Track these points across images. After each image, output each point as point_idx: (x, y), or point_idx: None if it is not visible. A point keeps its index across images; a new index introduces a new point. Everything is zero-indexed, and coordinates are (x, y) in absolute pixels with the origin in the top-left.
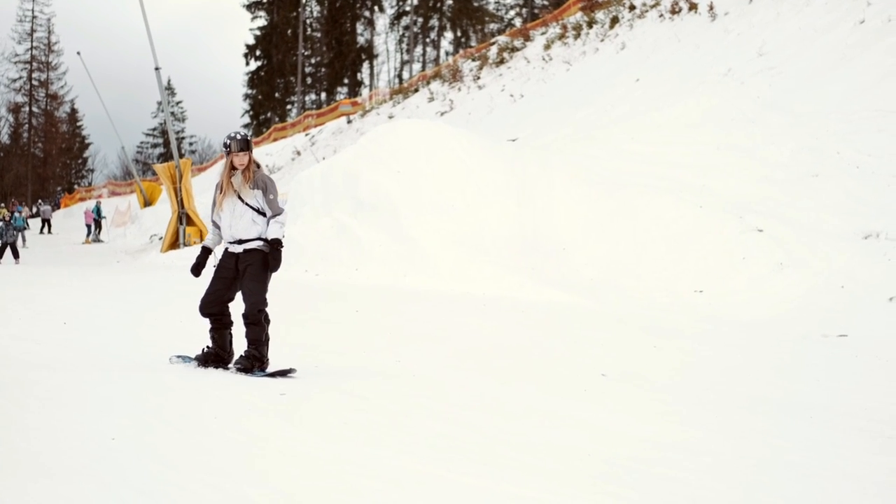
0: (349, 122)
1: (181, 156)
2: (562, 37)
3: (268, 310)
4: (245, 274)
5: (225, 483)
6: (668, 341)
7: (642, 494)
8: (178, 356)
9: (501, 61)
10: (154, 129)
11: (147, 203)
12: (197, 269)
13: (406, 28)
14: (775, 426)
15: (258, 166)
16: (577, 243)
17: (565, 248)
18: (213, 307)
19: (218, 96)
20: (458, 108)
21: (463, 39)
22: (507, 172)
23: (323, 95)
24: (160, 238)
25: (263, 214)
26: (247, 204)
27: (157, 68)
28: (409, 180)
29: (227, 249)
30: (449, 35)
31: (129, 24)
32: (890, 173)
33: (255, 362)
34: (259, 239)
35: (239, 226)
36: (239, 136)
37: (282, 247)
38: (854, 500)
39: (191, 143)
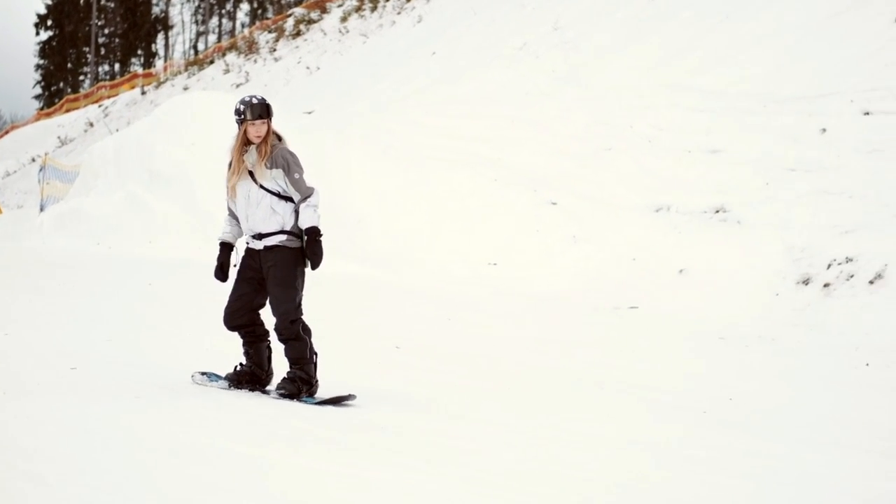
0: (143, 93)
1: None
2: (358, 9)
3: (304, 318)
4: (269, 278)
5: None
6: (463, 313)
7: (435, 467)
8: (203, 373)
9: (298, 33)
10: None
11: None
12: (221, 272)
13: None
14: (564, 398)
15: (279, 139)
16: (373, 216)
17: (361, 221)
18: (241, 317)
19: (7, 67)
20: (253, 80)
21: (259, 11)
22: (303, 144)
23: (117, 66)
24: None
25: (287, 199)
26: (263, 188)
27: None
28: (204, 153)
29: (248, 246)
30: (245, 6)
31: None
32: (681, 147)
33: (301, 385)
34: (282, 232)
35: (256, 216)
36: (255, 101)
37: (321, 236)
38: (622, 463)
39: None
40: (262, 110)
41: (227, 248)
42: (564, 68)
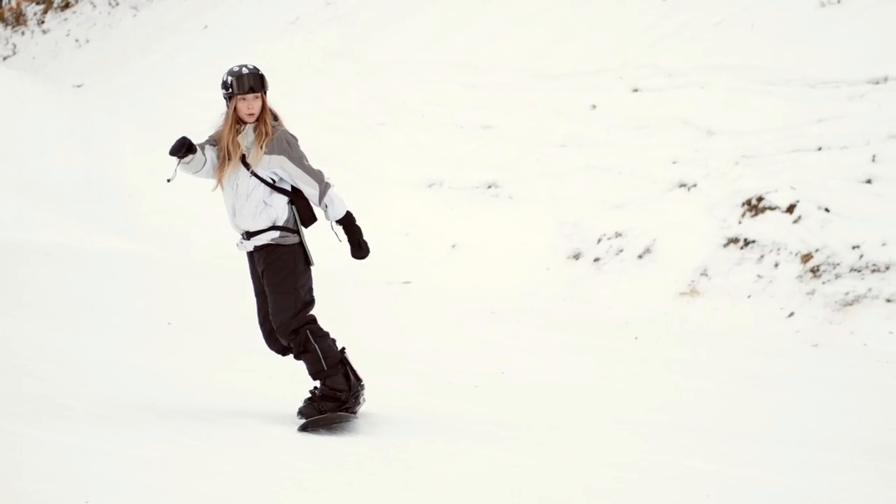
0: None
1: None
2: None
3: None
4: (264, 283)
5: None
6: (236, 289)
7: (208, 443)
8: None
9: (67, 5)
10: None
11: None
12: (178, 149)
13: None
14: None
15: (275, 118)
16: (144, 191)
17: (132, 196)
18: (276, 338)
19: None
20: (21, 53)
21: None
22: (72, 119)
23: None
24: None
25: (281, 191)
26: (256, 176)
27: None
28: None
29: (243, 250)
30: None
31: None
32: (454, 123)
33: (322, 405)
34: (273, 228)
35: (245, 210)
36: (246, 71)
37: (356, 220)
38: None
39: None
40: (253, 82)
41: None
42: (337, 43)
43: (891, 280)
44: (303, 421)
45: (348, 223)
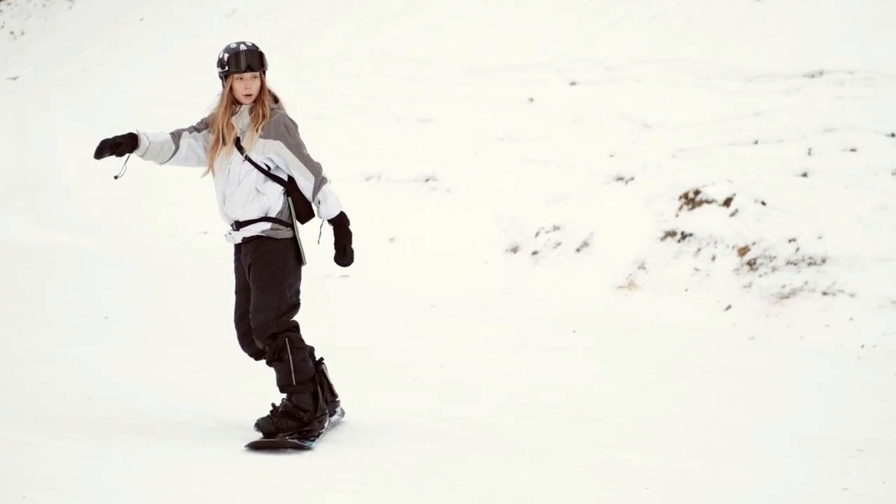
0: None
1: None
2: None
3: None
4: (249, 278)
5: None
6: (174, 283)
7: (152, 440)
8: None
9: None
10: None
11: None
12: (99, 151)
13: None
14: None
15: (276, 100)
16: (81, 184)
17: (69, 189)
18: (253, 342)
19: None
20: None
21: None
22: (7, 111)
23: None
24: None
25: (277, 180)
26: (250, 160)
27: None
28: None
29: (231, 242)
30: None
31: None
32: (391, 116)
33: (282, 422)
34: (265, 219)
35: (236, 198)
36: (243, 48)
37: (349, 223)
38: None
39: None
40: (251, 60)
41: (130, 139)
42: (274, 36)
43: (827, 273)
44: (259, 435)
45: (340, 225)
